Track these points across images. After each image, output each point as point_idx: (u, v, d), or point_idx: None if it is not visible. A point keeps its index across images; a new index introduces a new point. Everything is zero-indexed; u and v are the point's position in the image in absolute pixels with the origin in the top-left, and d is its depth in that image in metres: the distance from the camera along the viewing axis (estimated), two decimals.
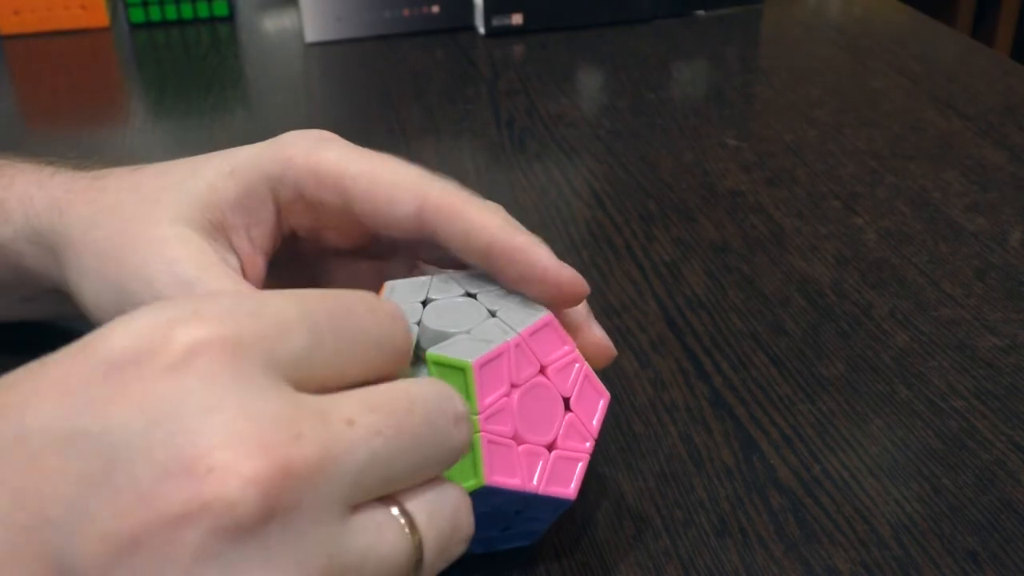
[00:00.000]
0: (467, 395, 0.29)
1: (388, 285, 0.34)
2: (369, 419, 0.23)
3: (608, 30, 0.82)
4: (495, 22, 0.81)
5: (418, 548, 0.24)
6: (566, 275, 0.32)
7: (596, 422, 0.33)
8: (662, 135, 0.65)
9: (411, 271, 0.38)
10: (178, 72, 0.78)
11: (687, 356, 0.44)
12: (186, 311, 0.22)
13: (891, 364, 0.44)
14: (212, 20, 0.87)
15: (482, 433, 0.29)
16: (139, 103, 0.74)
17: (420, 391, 0.25)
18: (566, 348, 0.32)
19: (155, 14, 0.86)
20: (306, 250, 0.38)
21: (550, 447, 0.31)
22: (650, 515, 0.36)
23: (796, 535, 0.35)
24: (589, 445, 0.32)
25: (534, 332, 0.31)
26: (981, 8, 1.94)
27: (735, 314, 0.47)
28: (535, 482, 0.31)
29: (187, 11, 0.86)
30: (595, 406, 0.33)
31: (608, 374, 0.43)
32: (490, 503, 0.30)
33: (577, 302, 0.33)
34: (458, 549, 0.25)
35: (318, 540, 0.22)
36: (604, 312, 0.47)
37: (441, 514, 0.25)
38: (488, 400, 0.30)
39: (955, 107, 0.68)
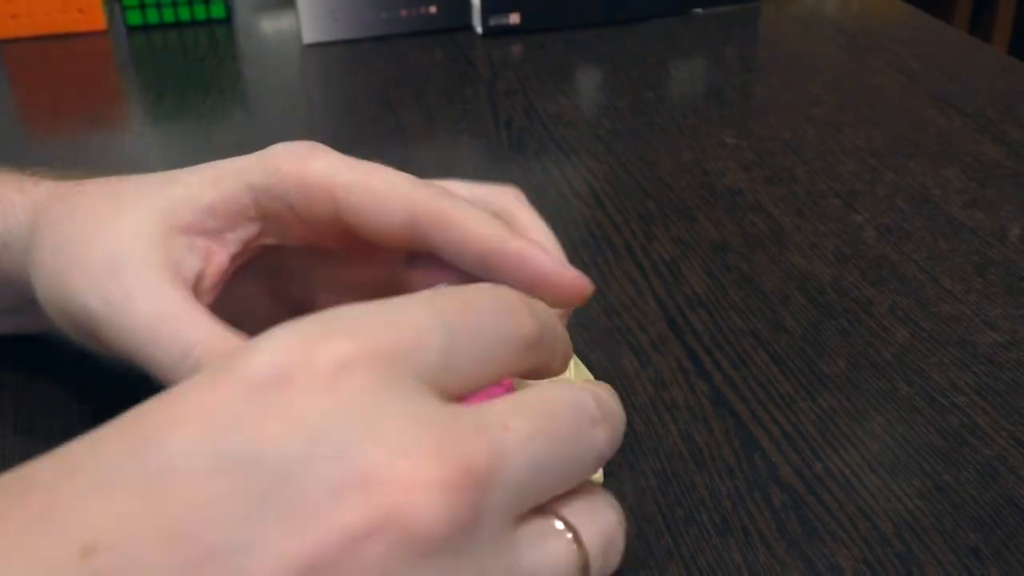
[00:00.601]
0: None
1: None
2: (522, 423, 0.22)
3: (606, 29, 0.82)
4: (493, 22, 0.81)
5: (583, 556, 0.23)
6: (568, 277, 0.31)
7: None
8: (661, 134, 0.65)
9: (397, 268, 0.37)
10: (176, 74, 0.78)
11: (687, 355, 0.44)
12: (320, 328, 0.22)
13: (892, 361, 0.44)
14: (209, 22, 0.87)
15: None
16: (137, 106, 0.74)
17: (560, 393, 0.24)
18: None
19: (152, 17, 0.86)
20: (292, 256, 0.38)
21: None
22: (651, 514, 0.36)
23: (798, 533, 0.35)
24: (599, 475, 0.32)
25: None
26: (979, 4, 1.94)
27: (735, 312, 0.47)
28: None
29: (184, 13, 0.86)
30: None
31: (609, 373, 0.43)
32: None
33: (583, 302, 0.32)
34: (617, 557, 0.25)
35: (497, 552, 0.21)
36: (604, 312, 0.47)
37: (600, 521, 0.24)
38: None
39: (954, 104, 0.68)
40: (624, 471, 0.38)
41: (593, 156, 0.63)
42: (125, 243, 0.33)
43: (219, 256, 0.34)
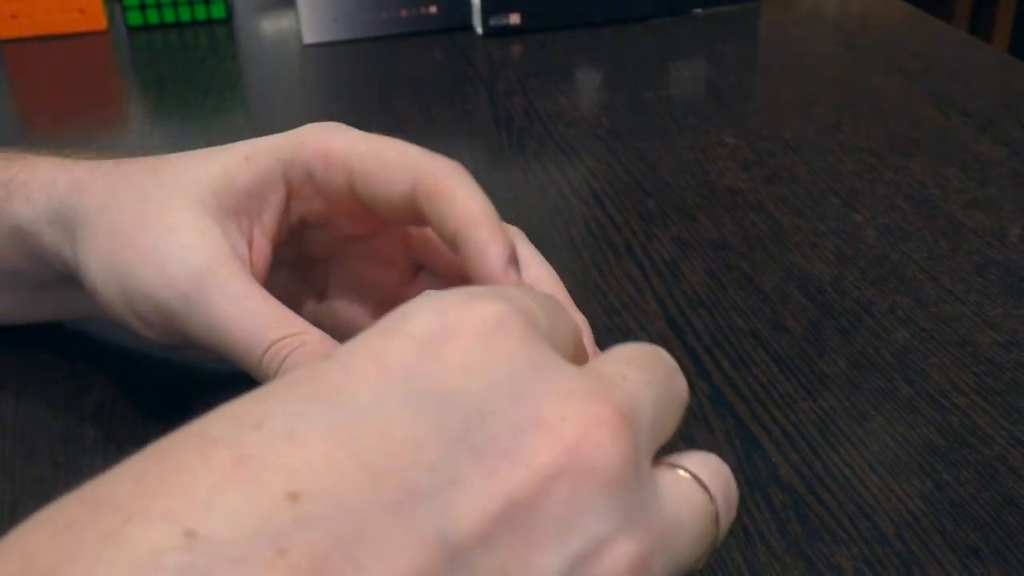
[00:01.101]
0: None
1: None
2: (635, 372, 0.23)
3: (606, 29, 0.82)
4: (493, 22, 0.81)
5: (713, 503, 0.24)
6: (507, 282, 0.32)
7: None
8: (661, 134, 0.65)
9: (407, 273, 0.38)
10: (176, 75, 0.78)
11: (687, 354, 0.44)
12: (468, 294, 0.23)
13: (892, 361, 0.44)
14: (210, 22, 0.87)
15: None
16: (137, 106, 0.74)
17: (647, 349, 0.26)
18: None
19: (153, 17, 0.86)
20: (312, 246, 0.38)
21: None
22: None
23: (798, 532, 0.35)
24: None
25: None
26: (978, 4, 1.94)
27: (735, 312, 0.47)
28: None
29: (185, 14, 0.86)
30: None
31: None
32: None
33: None
34: (735, 506, 0.26)
35: (651, 493, 0.22)
36: (604, 311, 0.47)
37: (717, 470, 0.25)
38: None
39: (954, 103, 0.68)
40: None
41: (593, 156, 0.63)
42: (191, 235, 0.33)
43: (260, 242, 0.36)
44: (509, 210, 0.35)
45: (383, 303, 0.38)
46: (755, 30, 0.83)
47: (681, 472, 0.24)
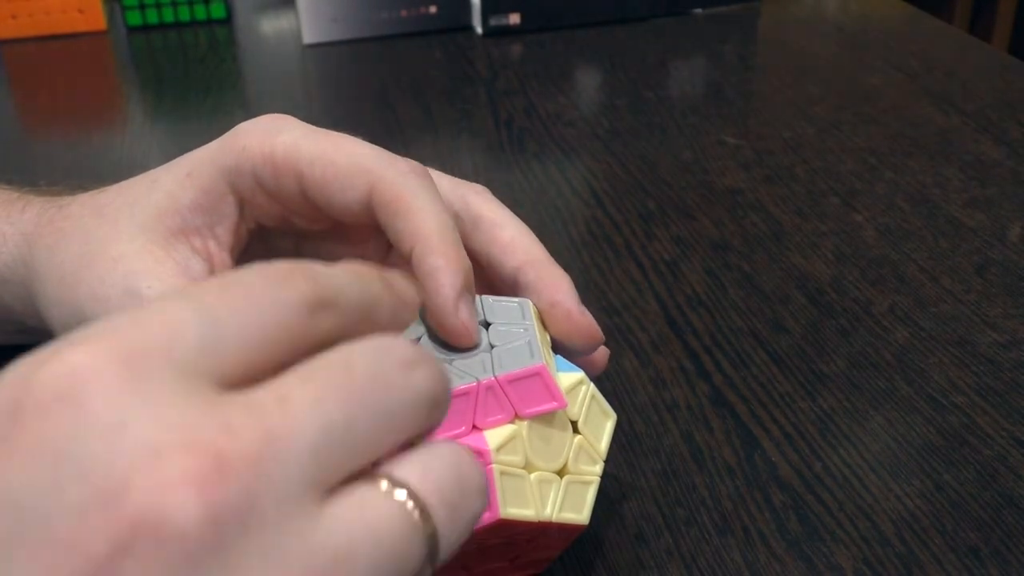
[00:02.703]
0: None
1: None
2: (304, 391, 0.20)
3: (606, 29, 0.82)
4: (492, 22, 0.81)
5: (421, 512, 0.21)
6: (456, 319, 0.30)
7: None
8: (661, 134, 0.65)
9: (389, 255, 0.37)
10: (176, 75, 0.78)
11: (687, 354, 0.44)
12: (56, 345, 0.20)
13: (891, 360, 0.44)
14: (209, 22, 0.87)
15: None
16: (137, 106, 0.74)
17: (354, 348, 0.22)
18: (553, 404, 0.30)
19: (152, 17, 0.86)
20: (279, 241, 0.37)
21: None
22: (652, 513, 0.36)
23: (798, 532, 0.35)
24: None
25: (516, 379, 0.30)
26: (978, 4, 1.94)
27: (735, 312, 0.47)
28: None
29: (184, 14, 0.86)
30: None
31: (609, 373, 0.43)
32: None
33: (469, 343, 0.31)
34: (472, 502, 0.22)
35: (290, 537, 0.19)
36: (604, 311, 0.47)
37: (437, 469, 0.22)
38: (436, 436, 0.28)
39: (953, 103, 0.68)
40: (624, 471, 0.38)
41: (593, 156, 0.63)
42: (134, 262, 0.33)
43: (219, 255, 0.34)
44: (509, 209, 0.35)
45: None
46: (755, 30, 0.83)
47: (379, 483, 0.21)
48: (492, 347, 0.31)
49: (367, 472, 0.21)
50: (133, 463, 0.18)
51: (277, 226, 0.35)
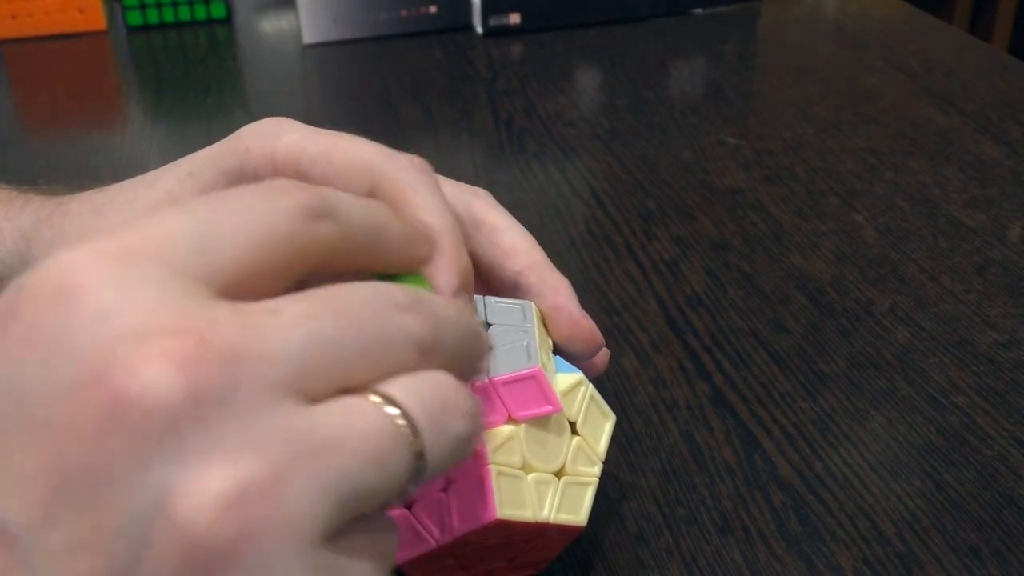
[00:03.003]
0: None
1: None
2: (297, 307, 0.21)
3: (606, 29, 0.82)
4: (493, 22, 0.81)
5: (410, 426, 0.21)
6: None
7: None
8: (661, 134, 0.65)
9: None
10: (176, 74, 0.78)
11: (688, 354, 0.44)
12: (58, 248, 0.21)
13: (892, 360, 0.44)
14: (209, 22, 0.87)
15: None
16: (137, 106, 0.74)
17: (357, 285, 0.22)
18: (548, 408, 0.30)
19: (152, 17, 0.86)
20: None
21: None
22: (652, 513, 0.36)
23: (798, 532, 0.35)
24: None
25: (510, 382, 0.30)
26: (978, 4, 1.94)
27: (735, 312, 0.47)
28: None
29: (184, 14, 0.86)
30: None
31: (609, 373, 0.43)
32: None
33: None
34: (460, 424, 0.22)
35: (271, 423, 0.19)
36: (604, 311, 0.47)
37: (423, 389, 0.22)
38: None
39: (953, 103, 0.68)
40: (624, 470, 0.38)
41: (593, 155, 0.63)
42: None
43: None
44: (509, 210, 0.35)
45: None
46: (755, 30, 0.83)
47: (369, 398, 0.21)
48: (490, 348, 0.31)
49: (355, 390, 0.21)
50: (120, 345, 0.19)
51: None
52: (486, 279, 0.35)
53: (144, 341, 0.19)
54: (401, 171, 0.31)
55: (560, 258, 0.51)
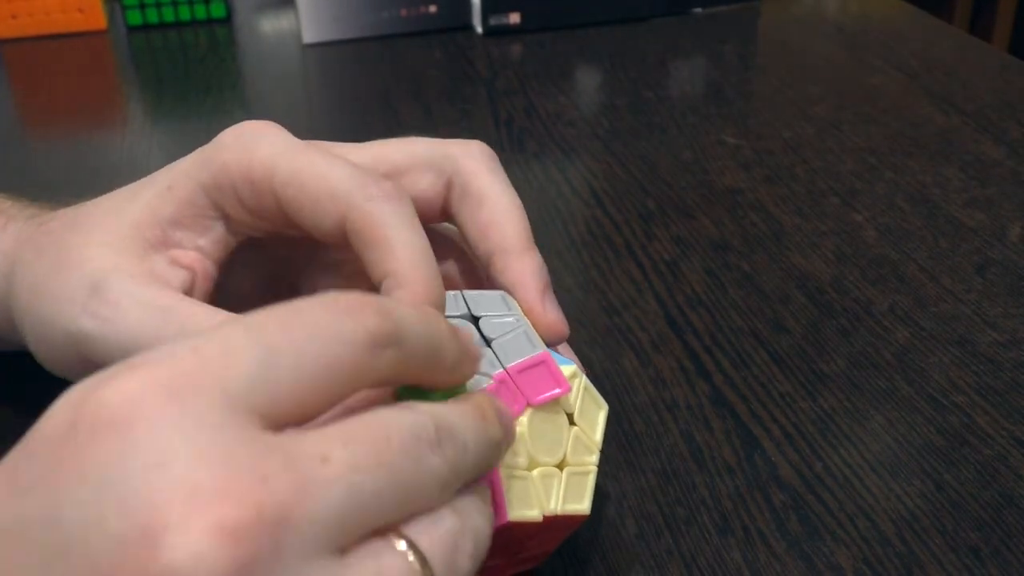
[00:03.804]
0: None
1: None
2: (344, 453, 0.21)
3: (606, 28, 0.82)
4: (493, 21, 0.81)
5: (428, 570, 0.22)
6: None
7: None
8: (660, 133, 0.65)
9: None
10: (176, 74, 0.78)
11: (687, 354, 0.44)
12: (115, 369, 0.20)
13: (892, 360, 0.44)
14: (210, 22, 0.87)
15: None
16: (137, 106, 0.74)
17: (395, 418, 0.23)
18: (558, 391, 0.30)
19: (152, 16, 0.86)
20: (274, 248, 0.36)
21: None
22: (652, 513, 0.36)
23: (798, 532, 0.35)
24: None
25: (524, 369, 0.30)
26: (978, 4, 1.94)
27: (735, 312, 0.47)
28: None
29: (184, 13, 0.86)
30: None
31: (609, 373, 0.43)
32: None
33: None
34: (468, 564, 0.24)
35: None
36: (604, 311, 0.47)
37: (443, 536, 0.23)
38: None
39: (953, 103, 0.68)
40: (624, 470, 0.38)
41: (593, 155, 0.63)
42: (105, 263, 0.32)
43: (202, 264, 0.33)
44: None
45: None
46: (755, 29, 0.83)
47: (394, 542, 0.22)
48: (489, 340, 0.31)
49: (382, 530, 0.22)
50: (172, 503, 0.18)
51: (268, 237, 0.34)
52: (467, 250, 0.35)
53: (196, 502, 0.19)
54: (371, 202, 0.30)
55: (560, 258, 0.51)
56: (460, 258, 0.37)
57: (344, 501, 0.20)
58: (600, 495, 0.37)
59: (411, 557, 0.22)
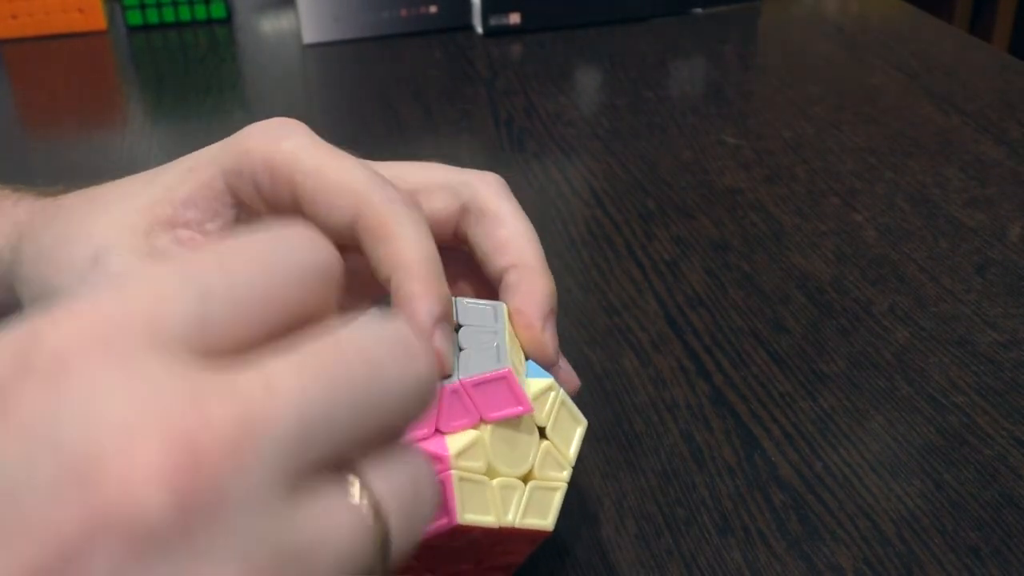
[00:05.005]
0: None
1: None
2: (291, 380, 0.20)
3: (606, 29, 0.82)
4: (493, 22, 0.81)
5: (379, 517, 0.21)
6: (431, 347, 0.29)
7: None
8: (661, 133, 0.65)
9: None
10: (176, 74, 0.78)
11: (688, 354, 0.44)
12: (51, 313, 0.19)
13: (892, 360, 0.44)
14: (210, 22, 0.87)
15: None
16: (137, 106, 0.74)
17: (353, 331, 0.21)
18: (519, 408, 0.30)
19: (152, 17, 0.86)
20: None
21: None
22: (652, 513, 0.36)
23: (798, 532, 0.35)
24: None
25: (480, 383, 0.30)
26: (978, 4, 1.94)
27: (735, 312, 0.47)
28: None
29: (185, 13, 0.86)
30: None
31: (609, 373, 0.43)
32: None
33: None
34: (425, 512, 0.22)
35: (258, 532, 0.19)
36: (604, 311, 0.47)
37: (401, 480, 0.22)
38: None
39: (953, 103, 0.68)
40: (624, 471, 0.38)
41: (593, 155, 0.63)
42: (109, 236, 0.32)
43: (202, 244, 0.34)
44: None
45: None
46: (755, 30, 0.83)
47: (347, 481, 0.21)
48: (460, 350, 0.31)
49: (335, 467, 0.21)
50: (107, 445, 0.18)
51: None
52: (480, 269, 0.35)
53: (132, 442, 0.18)
54: (387, 202, 0.30)
55: (560, 258, 0.51)
56: (468, 277, 0.37)
57: (293, 431, 0.19)
58: (600, 494, 0.37)
59: (364, 501, 0.21)
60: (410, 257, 0.30)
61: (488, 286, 0.35)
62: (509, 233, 0.35)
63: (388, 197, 0.30)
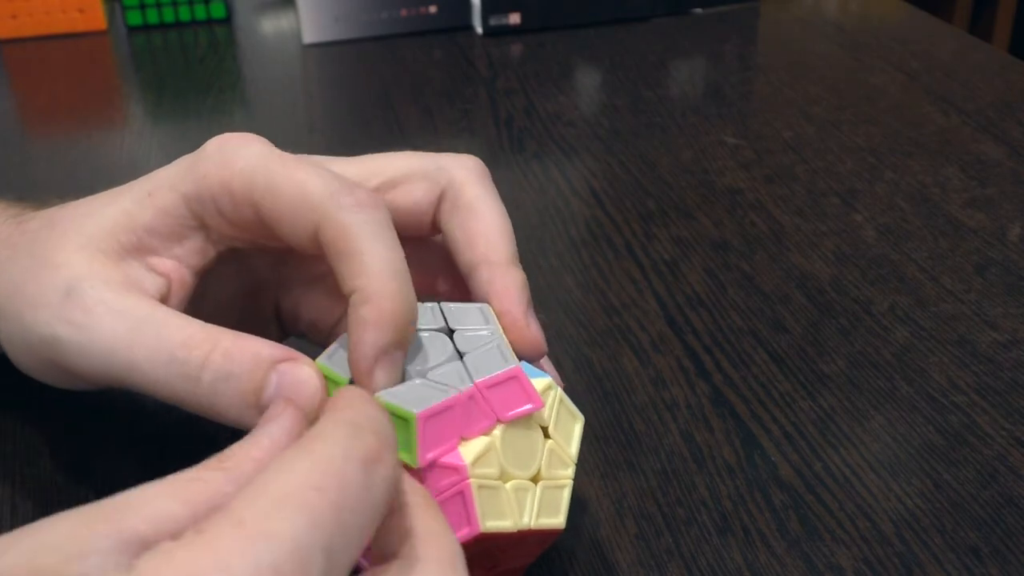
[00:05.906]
0: (410, 444, 0.28)
1: None
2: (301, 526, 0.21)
3: (606, 28, 0.82)
4: (493, 21, 0.81)
5: None
6: (367, 382, 0.29)
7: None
8: (661, 133, 0.65)
9: None
10: (176, 75, 0.78)
11: (687, 354, 0.44)
12: None
13: (892, 360, 0.44)
14: (209, 22, 0.87)
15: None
16: (137, 106, 0.74)
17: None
18: (529, 406, 0.30)
19: (152, 17, 0.86)
20: (255, 259, 0.36)
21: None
22: (652, 513, 0.36)
23: (798, 532, 0.35)
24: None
25: (495, 384, 0.30)
26: (978, 4, 1.94)
27: (735, 312, 0.47)
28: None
29: (184, 13, 0.86)
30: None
31: (609, 373, 0.43)
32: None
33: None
34: None
35: None
36: (604, 311, 0.47)
37: None
38: (430, 456, 0.28)
39: (953, 103, 0.68)
40: (624, 471, 0.38)
41: (593, 155, 0.63)
42: (78, 267, 0.32)
43: (179, 272, 0.33)
44: (509, 210, 0.35)
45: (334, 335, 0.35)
46: (755, 29, 0.83)
47: None
48: (462, 354, 0.31)
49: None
50: None
51: (249, 248, 0.34)
52: (453, 259, 0.35)
53: None
54: (345, 212, 0.29)
55: (560, 258, 0.51)
56: (447, 272, 0.37)
57: (324, 560, 0.21)
58: (600, 494, 0.37)
59: None
60: (368, 275, 0.29)
61: (455, 280, 0.35)
62: (481, 226, 0.34)
63: (342, 204, 0.29)
